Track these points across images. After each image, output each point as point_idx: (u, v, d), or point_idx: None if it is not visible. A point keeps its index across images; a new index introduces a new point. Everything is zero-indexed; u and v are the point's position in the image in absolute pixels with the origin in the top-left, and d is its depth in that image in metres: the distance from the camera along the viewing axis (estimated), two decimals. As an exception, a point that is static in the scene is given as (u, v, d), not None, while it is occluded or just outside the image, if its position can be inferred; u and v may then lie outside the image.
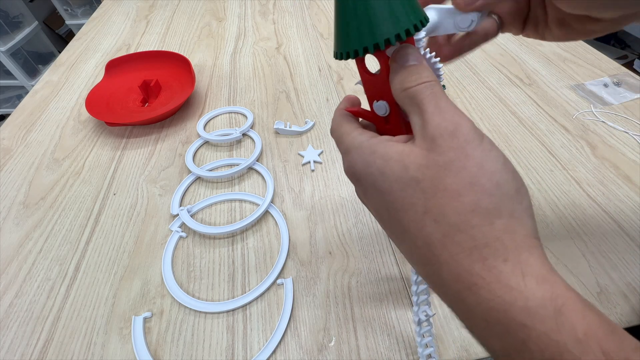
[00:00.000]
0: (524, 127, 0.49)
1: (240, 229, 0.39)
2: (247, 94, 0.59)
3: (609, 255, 0.35)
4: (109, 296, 0.35)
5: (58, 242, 0.40)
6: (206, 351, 0.31)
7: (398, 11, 0.16)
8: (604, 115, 0.49)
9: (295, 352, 0.31)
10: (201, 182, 0.46)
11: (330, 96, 0.57)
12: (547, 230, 0.38)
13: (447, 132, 0.15)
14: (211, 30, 0.77)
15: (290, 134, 0.51)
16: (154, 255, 0.38)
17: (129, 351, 0.31)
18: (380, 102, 0.19)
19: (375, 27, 0.16)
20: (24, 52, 1.65)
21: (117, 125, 0.53)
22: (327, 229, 0.39)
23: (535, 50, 0.63)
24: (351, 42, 0.17)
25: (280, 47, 0.70)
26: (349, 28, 0.17)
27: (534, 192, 0.41)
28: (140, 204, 0.43)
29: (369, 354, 0.30)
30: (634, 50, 1.49)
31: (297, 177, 0.45)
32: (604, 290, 0.33)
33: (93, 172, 0.48)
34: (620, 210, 0.39)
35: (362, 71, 0.20)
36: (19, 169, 0.49)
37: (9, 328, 0.34)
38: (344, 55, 0.18)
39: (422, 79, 0.16)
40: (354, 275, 0.35)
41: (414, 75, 0.17)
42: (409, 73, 0.17)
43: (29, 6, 1.66)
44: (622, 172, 0.42)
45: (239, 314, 0.34)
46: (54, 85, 0.64)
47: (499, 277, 0.13)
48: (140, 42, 0.74)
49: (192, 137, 0.52)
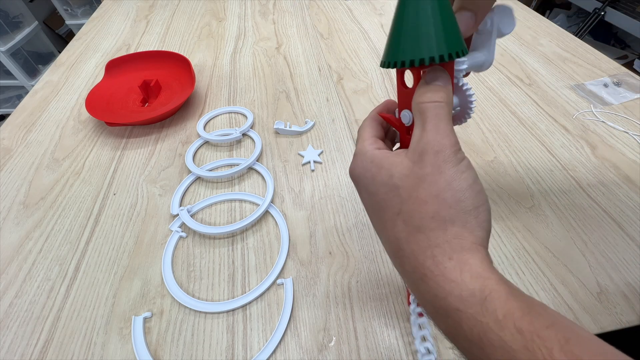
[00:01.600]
0: (524, 127, 0.49)
1: (240, 229, 0.39)
2: (247, 94, 0.59)
3: (609, 255, 0.35)
4: (109, 296, 0.35)
5: (58, 242, 0.40)
6: (206, 351, 0.31)
7: (447, 37, 0.19)
8: (604, 115, 0.49)
9: (295, 352, 0.31)
10: (201, 182, 0.46)
11: (330, 96, 0.57)
12: (547, 230, 0.38)
13: (433, 150, 0.18)
14: (211, 30, 0.77)
15: (290, 134, 0.51)
16: (154, 255, 0.38)
17: (129, 351, 0.31)
18: (406, 111, 0.22)
19: (425, 45, 0.18)
20: (24, 52, 1.65)
21: (117, 125, 0.53)
22: (327, 229, 0.39)
23: (535, 50, 0.63)
24: (401, 53, 0.19)
25: (280, 47, 0.70)
26: (404, 41, 0.19)
27: (534, 192, 0.41)
28: (140, 204, 0.43)
29: (369, 354, 0.30)
30: (634, 50, 1.49)
31: (297, 177, 0.45)
32: (604, 290, 0.33)
33: (93, 172, 0.48)
34: (620, 210, 0.39)
35: (400, 82, 0.22)
36: (19, 169, 0.49)
37: (9, 328, 0.34)
38: (391, 64, 0.20)
39: (435, 98, 0.19)
40: (354, 275, 0.35)
41: (431, 93, 0.19)
42: (428, 90, 0.19)
43: (29, 6, 1.66)
44: (622, 172, 0.42)
45: (239, 314, 0.34)
46: (54, 85, 0.64)
47: (443, 272, 0.16)
48: (140, 42, 0.74)
49: (192, 137, 0.52)
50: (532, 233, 0.37)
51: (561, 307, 0.32)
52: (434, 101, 0.19)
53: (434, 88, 0.19)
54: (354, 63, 0.64)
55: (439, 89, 0.19)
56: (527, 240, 0.37)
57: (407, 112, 0.22)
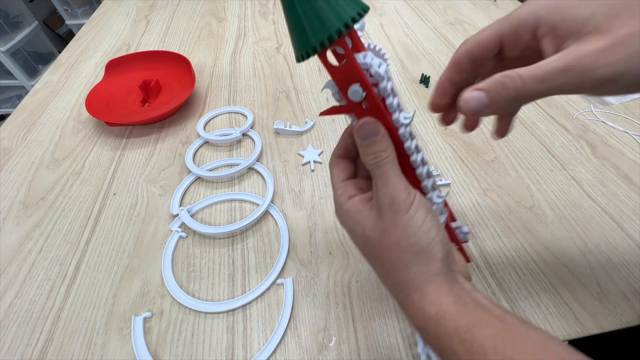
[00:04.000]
0: (524, 127, 0.49)
1: (240, 229, 0.39)
2: (247, 94, 0.59)
3: (609, 255, 0.35)
4: (109, 296, 0.35)
5: (58, 242, 0.40)
6: (206, 351, 0.31)
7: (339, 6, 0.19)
8: (604, 115, 0.49)
9: (295, 352, 0.31)
10: (201, 182, 0.46)
11: (330, 96, 0.57)
12: (547, 230, 0.38)
13: (387, 204, 0.21)
14: (211, 30, 0.77)
15: (290, 134, 0.51)
16: (154, 255, 0.38)
17: (129, 351, 0.31)
18: (354, 86, 0.21)
19: (324, 23, 0.19)
20: (24, 52, 1.65)
21: (117, 125, 0.53)
22: (327, 229, 0.39)
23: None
24: (308, 41, 0.19)
25: (280, 47, 0.70)
26: (303, 29, 0.19)
27: (534, 192, 0.41)
28: (140, 204, 0.43)
29: (369, 354, 0.30)
30: (634, 50, 1.49)
31: (297, 177, 0.45)
32: (604, 290, 0.33)
33: (93, 172, 0.48)
34: (620, 210, 0.39)
35: (328, 65, 0.21)
36: (19, 169, 0.49)
37: (9, 328, 0.34)
38: (304, 55, 0.20)
39: (376, 157, 0.21)
40: (354, 275, 0.35)
41: (370, 154, 0.22)
42: (368, 150, 0.22)
43: (29, 6, 1.66)
44: (622, 172, 0.42)
45: (239, 314, 0.34)
46: (54, 85, 0.64)
47: (411, 303, 0.21)
48: (140, 42, 0.74)
49: (192, 137, 0.52)
50: (532, 233, 0.38)
51: (561, 307, 0.32)
52: (376, 162, 0.21)
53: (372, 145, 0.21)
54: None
55: (374, 144, 0.21)
56: (527, 240, 0.37)
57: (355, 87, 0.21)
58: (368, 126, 0.22)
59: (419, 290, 0.21)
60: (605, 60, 0.16)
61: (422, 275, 0.21)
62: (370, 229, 0.22)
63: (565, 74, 0.17)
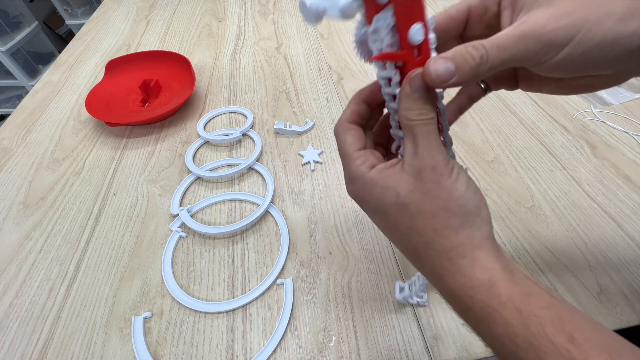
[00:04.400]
0: (524, 127, 0.49)
1: (240, 229, 0.39)
2: (247, 94, 0.59)
3: (609, 255, 0.35)
4: (109, 296, 0.35)
5: (58, 242, 0.40)
6: (206, 351, 0.31)
7: None
8: (604, 115, 0.49)
9: (295, 352, 0.31)
10: (201, 182, 0.46)
11: (330, 96, 0.57)
12: (547, 230, 0.38)
13: (429, 167, 0.20)
14: (211, 30, 0.77)
15: (290, 134, 0.51)
16: (154, 255, 0.38)
17: (129, 351, 0.31)
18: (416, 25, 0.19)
19: None
20: (24, 52, 1.65)
21: (117, 125, 0.53)
22: (327, 229, 0.39)
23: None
24: None
25: (280, 47, 0.70)
26: None
27: (534, 192, 0.41)
28: (140, 204, 0.43)
29: (369, 354, 0.30)
30: (634, 50, 1.49)
31: (297, 177, 0.45)
32: (604, 290, 0.33)
33: (93, 172, 0.48)
34: (620, 210, 0.39)
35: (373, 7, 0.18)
36: (19, 169, 0.49)
37: (9, 328, 0.34)
38: None
39: (423, 115, 0.20)
40: (354, 275, 0.35)
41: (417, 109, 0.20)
42: (415, 104, 0.20)
43: (29, 6, 1.66)
44: (622, 172, 0.42)
45: (239, 314, 0.34)
46: (54, 85, 0.64)
47: (459, 269, 0.19)
48: (140, 42, 0.74)
49: (192, 137, 0.52)
50: (532, 233, 0.38)
51: (561, 307, 0.32)
52: (422, 119, 0.20)
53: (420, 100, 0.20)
54: (354, 63, 0.64)
55: (423, 101, 0.20)
56: (527, 240, 0.37)
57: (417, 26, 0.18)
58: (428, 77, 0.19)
59: (468, 256, 0.19)
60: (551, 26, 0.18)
61: (472, 239, 0.20)
62: (407, 193, 0.20)
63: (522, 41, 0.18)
